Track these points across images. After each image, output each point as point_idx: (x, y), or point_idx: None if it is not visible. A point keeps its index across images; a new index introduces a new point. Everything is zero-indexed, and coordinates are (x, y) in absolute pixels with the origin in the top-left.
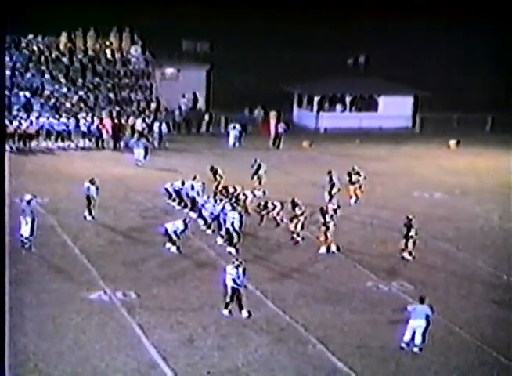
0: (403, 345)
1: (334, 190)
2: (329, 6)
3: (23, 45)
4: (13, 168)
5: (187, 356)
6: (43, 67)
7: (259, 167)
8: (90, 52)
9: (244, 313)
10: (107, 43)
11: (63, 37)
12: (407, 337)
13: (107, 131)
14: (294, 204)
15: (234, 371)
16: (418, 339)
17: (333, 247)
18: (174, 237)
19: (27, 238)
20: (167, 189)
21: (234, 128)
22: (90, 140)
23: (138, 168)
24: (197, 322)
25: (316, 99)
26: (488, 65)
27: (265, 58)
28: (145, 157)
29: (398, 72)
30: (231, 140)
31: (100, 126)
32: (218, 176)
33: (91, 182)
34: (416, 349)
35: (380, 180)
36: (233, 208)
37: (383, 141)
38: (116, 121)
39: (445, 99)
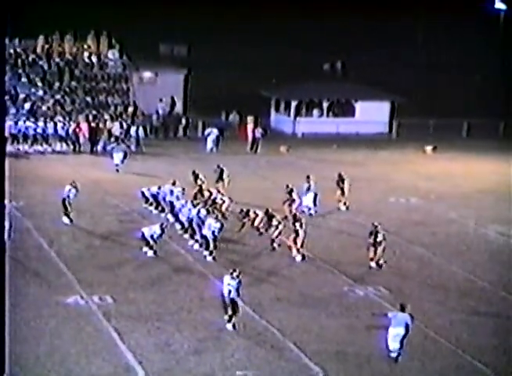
0: (393, 354)
1: (311, 196)
2: (307, 11)
3: None
4: None
5: (163, 361)
6: (19, 70)
7: (222, 171)
8: (67, 56)
9: (230, 326)
10: (85, 46)
11: (41, 40)
12: (392, 346)
13: (84, 135)
14: (270, 215)
15: (211, 375)
16: (396, 345)
17: (298, 257)
18: (151, 242)
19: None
20: (143, 193)
21: (211, 132)
22: (67, 144)
23: (115, 172)
24: (174, 326)
25: (293, 103)
26: (463, 70)
27: (243, 62)
28: (122, 162)
29: (375, 78)
30: (209, 145)
31: (77, 130)
32: (199, 180)
33: (73, 185)
34: (394, 355)
35: (356, 185)
36: (208, 212)
37: (360, 146)
38: (93, 124)
39: (422, 105)
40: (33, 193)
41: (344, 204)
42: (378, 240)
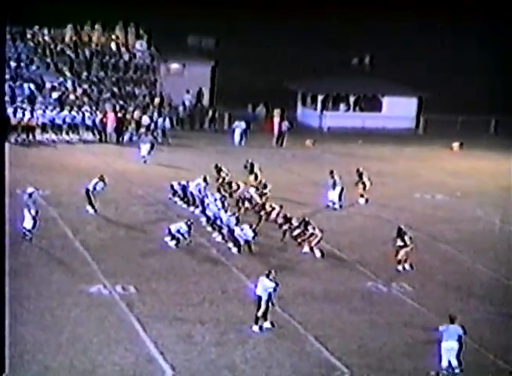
0: (443, 372)
1: (338, 191)
2: (336, 5)
3: (29, 36)
4: (16, 159)
5: (185, 352)
6: (48, 60)
7: (252, 166)
8: (95, 46)
9: (267, 324)
10: (113, 37)
11: (69, 30)
12: (445, 363)
13: (111, 125)
14: (306, 223)
15: (231, 368)
16: (454, 362)
17: (318, 253)
18: (177, 236)
19: (29, 230)
20: (172, 186)
21: (239, 125)
22: (93, 134)
23: (141, 163)
24: (196, 317)
25: (320, 97)
26: (492, 67)
27: (270, 56)
28: (149, 153)
29: (403, 73)
30: (236, 138)
31: (104, 120)
32: (222, 173)
33: (101, 178)
34: (457, 371)
35: (382, 181)
36: (238, 221)
37: (386, 141)
38: (119, 115)
39: (449, 101)
40: (59, 182)
41: (362, 196)
42: (406, 242)
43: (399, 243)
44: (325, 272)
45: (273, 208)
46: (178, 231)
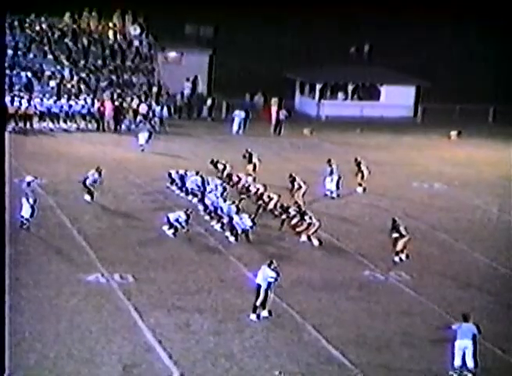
0: (455, 374)
1: (335, 179)
2: None
3: (26, 25)
4: (13, 148)
5: (183, 341)
6: (45, 48)
7: (251, 155)
8: (93, 34)
9: (265, 313)
10: (110, 25)
11: (66, 18)
12: (457, 362)
13: (108, 114)
14: (302, 213)
15: (229, 357)
16: (469, 363)
17: (315, 242)
18: (175, 224)
19: (27, 219)
20: (170, 175)
21: (238, 114)
22: (91, 122)
23: (139, 152)
24: (194, 306)
25: (318, 86)
26: (491, 56)
27: (269, 44)
28: (147, 142)
29: (401, 62)
30: (235, 127)
31: (101, 108)
32: (219, 165)
33: (98, 170)
34: (470, 375)
35: (380, 169)
36: (238, 210)
37: (384, 130)
38: (117, 103)
39: (448, 90)
40: (57, 170)
41: (360, 185)
42: (401, 233)
43: (395, 234)
44: (322, 261)
45: (271, 198)
46: (177, 220)
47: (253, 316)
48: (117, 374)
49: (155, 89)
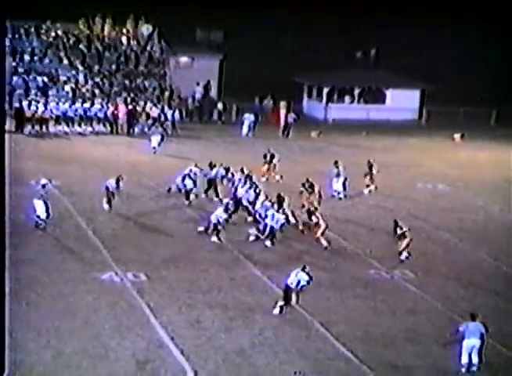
0: (463, 369)
1: (341, 180)
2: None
3: (42, 31)
4: (30, 151)
5: (194, 337)
6: (61, 53)
7: (272, 156)
8: (107, 40)
9: (277, 310)
10: (124, 31)
11: (81, 24)
12: (465, 359)
13: (122, 117)
14: (309, 213)
15: (239, 353)
16: (475, 359)
17: (324, 243)
18: (219, 227)
19: (42, 220)
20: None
21: (248, 118)
22: (105, 125)
23: (151, 154)
24: (205, 304)
25: (325, 90)
26: (494, 59)
27: (277, 49)
28: (159, 145)
29: (406, 66)
30: (244, 129)
31: (115, 112)
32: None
33: (120, 177)
34: (474, 368)
35: (385, 171)
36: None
37: (390, 133)
38: (130, 107)
39: (451, 93)
40: (72, 172)
41: (368, 186)
42: (403, 233)
43: (398, 234)
44: (330, 261)
45: (283, 199)
46: (218, 221)
47: (276, 310)
48: (131, 370)
49: (167, 93)
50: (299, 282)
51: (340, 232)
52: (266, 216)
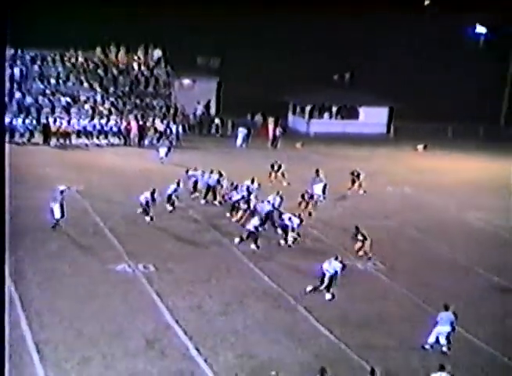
0: (427, 346)
1: (321, 186)
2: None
3: (66, 58)
4: (55, 160)
5: (196, 320)
6: (82, 77)
7: (280, 166)
8: (121, 65)
9: (328, 296)
10: (135, 58)
11: (98, 52)
12: (432, 339)
13: (133, 132)
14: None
15: (235, 333)
16: (443, 341)
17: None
18: (255, 235)
19: (57, 219)
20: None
21: (242, 131)
22: (119, 138)
23: (159, 163)
24: (205, 291)
25: (308, 108)
26: (451, 83)
27: (266, 73)
28: (166, 155)
29: (377, 87)
30: (239, 141)
31: (128, 127)
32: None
33: (178, 183)
34: (445, 349)
35: (361, 176)
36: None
37: (363, 144)
38: (140, 122)
39: (415, 111)
40: (91, 178)
41: (359, 188)
42: (361, 238)
43: (359, 238)
44: (312, 254)
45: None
46: (254, 229)
47: (328, 295)
48: (141, 347)
49: (172, 111)
50: (334, 269)
51: (322, 229)
52: (283, 219)
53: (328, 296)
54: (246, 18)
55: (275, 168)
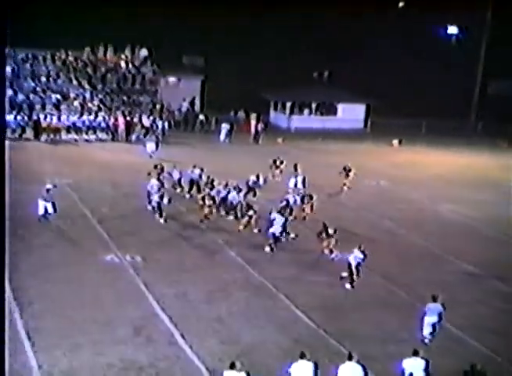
0: (426, 340)
1: (300, 179)
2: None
3: (56, 57)
4: (45, 155)
5: (181, 308)
6: (71, 75)
7: (281, 162)
8: (109, 64)
9: (348, 285)
10: (122, 56)
11: (87, 51)
12: (426, 331)
13: (121, 127)
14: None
15: (218, 320)
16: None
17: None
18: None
19: (49, 214)
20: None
21: (225, 127)
22: (107, 134)
23: (145, 157)
24: (190, 280)
25: (288, 104)
26: (423, 82)
27: (249, 71)
28: (156, 149)
29: (355, 84)
30: (222, 136)
31: (115, 123)
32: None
33: (199, 167)
34: (427, 340)
35: (338, 171)
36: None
37: (341, 139)
38: (128, 118)
39: (391, 107)
40: (80, 172)
41: (344, 184)
42: (330, 233)
43: (324, 235)
44: (293, 244)
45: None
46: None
47: (348, 286)
48: (129, 334)
49: (158, 107)
50: (356, 259)
51: (300, 221)
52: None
53: (347, 286)
54: (230, 17)
55: (278, 163)
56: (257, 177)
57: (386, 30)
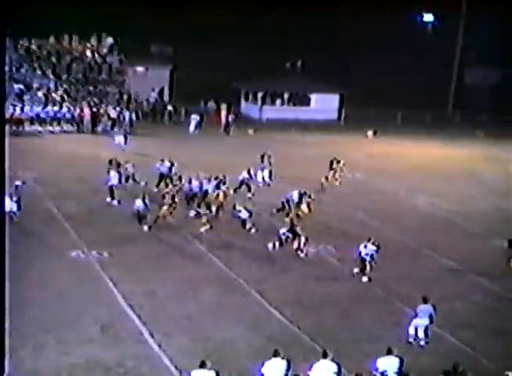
0: (411, 339)
1: (267, 172)
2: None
3: (19, 46)
4: (8, 148)
5: (150, 305)
6: (35, 64)
7: (269, 156)
8: (74, 53)
9: (365, 278)
10: (88, 45)
11: (52, 40)
12: (411, 331)
13: (86, 118)
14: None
15: (188, 318)
16: (421, 335)
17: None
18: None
19: (14, 212)
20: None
21: (194, 118)
22: (72, 125)
23: (112, 149)
24: (159, 277)
25: (260, 94)
26: (400, 71)
27: (219, 60)
28: (125, 143)
29: (328, 74)
30: (191, 127)
31: (81, 114)
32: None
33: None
34: (422, 343)
35: (311, 163)
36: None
37: (314, 130)
38: (94, 109)
39: (365, 97)
40: (45, 165)
41: (336, 180)
42: (297, 233)
43: (291, 235)
44: (264, 239)
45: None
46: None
47: (364, 278)
48: (96, 333)
49: (125, 98)
50: (372, 254)
51: (270, 213)
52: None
53: (364, 279)
54: (199, 5)
55: (266, 158)
56: (249, 172)
57: (359, 18)
